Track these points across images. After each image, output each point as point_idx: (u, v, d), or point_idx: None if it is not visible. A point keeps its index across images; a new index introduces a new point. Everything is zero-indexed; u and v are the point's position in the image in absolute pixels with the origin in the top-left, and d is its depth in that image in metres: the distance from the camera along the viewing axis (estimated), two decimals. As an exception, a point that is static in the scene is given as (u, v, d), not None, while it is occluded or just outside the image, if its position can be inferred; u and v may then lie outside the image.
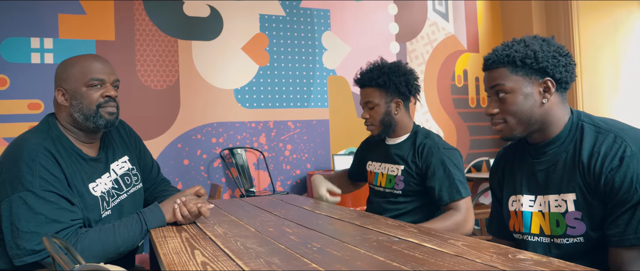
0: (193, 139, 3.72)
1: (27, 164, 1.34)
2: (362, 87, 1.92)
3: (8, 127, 3.20)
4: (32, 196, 1.30)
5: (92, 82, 1.45)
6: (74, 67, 1.47)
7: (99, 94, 1.47)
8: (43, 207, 1.31)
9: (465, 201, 1.72)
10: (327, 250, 1.10)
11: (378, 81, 1.85)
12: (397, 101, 1.88)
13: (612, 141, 1.11)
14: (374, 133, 1.93)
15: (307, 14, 4.13)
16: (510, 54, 1.20)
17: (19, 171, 1.33)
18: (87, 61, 1.48)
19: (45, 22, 3.32)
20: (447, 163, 1.75)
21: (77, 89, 1.45)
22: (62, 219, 1.32)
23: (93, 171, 1.51)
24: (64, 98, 1.47)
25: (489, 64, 1.25)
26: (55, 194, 1.34)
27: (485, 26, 4.89)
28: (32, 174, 1.33)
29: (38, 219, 1.29)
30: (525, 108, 1.20)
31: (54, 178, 1.36)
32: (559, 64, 1.19)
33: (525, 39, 1.23)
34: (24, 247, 1.28)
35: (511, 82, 1.21)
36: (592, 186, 1.13)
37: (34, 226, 1.29)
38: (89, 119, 1.46)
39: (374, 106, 1.87)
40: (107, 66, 1.51)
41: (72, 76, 1.46)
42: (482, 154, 4.78)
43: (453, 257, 0.99)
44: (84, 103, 1.45)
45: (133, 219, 1.44)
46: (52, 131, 1.46)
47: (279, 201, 2.04)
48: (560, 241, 1.18)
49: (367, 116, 1.90)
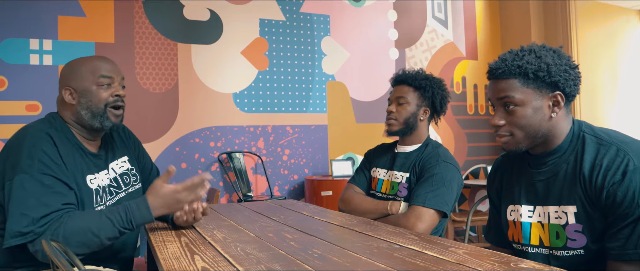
0: (191, 142, 3.71)
1: (28, 149, 1.36)
2: (400, 84, 1.94)
3: (6, 128, 3.18)
4: (29, 179, 1.31)
5: (101, 80, 1.48)
6: (83, 66, 1.50)
7: (108, 93, 1.50)
8: (37, 189, 1.31)
9: (429, 212, 1.68)
10: (328, 257, 1.09)
11: (421, 82, 1.89)
12: (426, 109, 1.91)
13: (615, 154, 1.10)
14: (392, 129, 1.91)
15: (306, 19, 4.14)
16: (523, 65, 1.17)
17: (20, 155, 1.35)
18: (96, 60, 1.52)
19: (44, 23, 3.32)
20: (438, 175, 1.75)
21: (87, 87, 1.48)
22: (52, 203, 1.31)
23: (92, 164, 1.51)
24: (71, 97, 1.49)
25: (498, 74, 1.20)
26: (52, 177, 1.34)
27: (484, 34, 4.91)
28: (32, 157, 1.34)
29: (29, 202, 1.29)
30: (534, 122, 1.18)
31: (52, 162, 1.36)
32: (569, 78, 1.17)
33: (535, 50, 1.20)
34: (11, 229, 1.28)
35: (522, 94, 1.17)
36: (593, 199, 1.12)
37: (25, 208, 1.28)
38: (96, 117, 1.48)
39: (405, 103, 1.89)
40: (115, 65, 1.55)
41: (81, 74, 1.49)
42: (479, 161, 4.78)
43: (454, 265, 0.99)
44: (93, 101, 1.48)
45: (117, 214, 1.36)
46: (56, 122, 1.49)
47: (277, 207, 2.04)
48: (560, 253, 1.17)
49: (393, 109, 1.90)
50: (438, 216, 1.70)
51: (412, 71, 1.94)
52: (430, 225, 1.68)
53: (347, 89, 4.25)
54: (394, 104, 1.91)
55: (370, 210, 1.84)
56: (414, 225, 1.65)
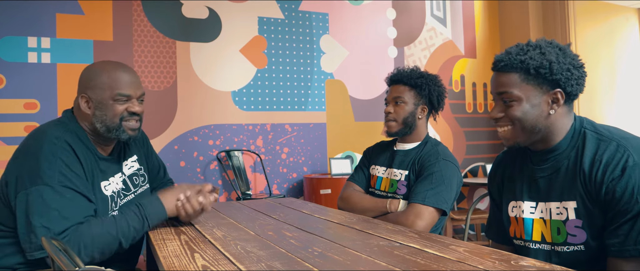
0: (190, 141, 3.71)
1: (47, 159, 1.33)
2: (396, 83, 1.93)
3: (3, 126, 3.18)
4: (50, 191, 1.29)
5: (119, 97, 1.45)
6: (101, 77, 1.45)
7: (124, 108, 1.47)
8: (59, 203, 1.29)
9: (428, 210, 1.68)
10: (328, 255, 1.09)
11: (416, 81, 1.89)
12: (424, 107, 1.91)
13: (615, 150, 1.10)
14: (391, 130, 1.91)
15: (305, 17, 4.14)
16: (525, 60, 1.16)
17: (38, 164, 1.32)
18: (116, 73, 1.46)
19: (42, 21, 3.30)
20: (437, 173, 1.75)
21: (104, 101, 1.45)
22: (72, 216, 1.30)
23: (106, 169, 1.51)
24: (87, 106, 1.47)
25: (500, 66, 1.21)
26: (73, 190, 1.33)
27: (482, 32, 4.91)
28: (52, 168, 1.32)
29: (51, 215, 1.28)
30: (530, 117, 1.18)
31: (74, 174, 1.35)
32: (572, 77, 1.16)
33: (541, 45, 1.19)
34: (34, 242, 1.27)
35: (520, 90, 1.17)
36: (593, 195, 1.12)
37: (47, 221, 1.27)
38: (111, 131, 1.47)
39: (402, 102, 1.89)
40: (135, 79, 1.50)
41: (99, 86, 1.45)
42: (478, 159, 4.79)
43: (455, 263, 0.99)
44: (108, 115, 1.45)
45: (133, 214, 1.40)
46: (71, 125, 1.46)
47: (277, 205, 2.04)
48: (561, 249, 1.17)
49: (391, 110, 1.90)
50: (437, 214, 1.70)
51: (407, 69, 1.94)
52: (429, 223, 1.68)
53: (345, 87, 4.25)
54: (392, 104, 1.91)
55: (369, 208, 1.84)
56: (413, 223, 1.65)
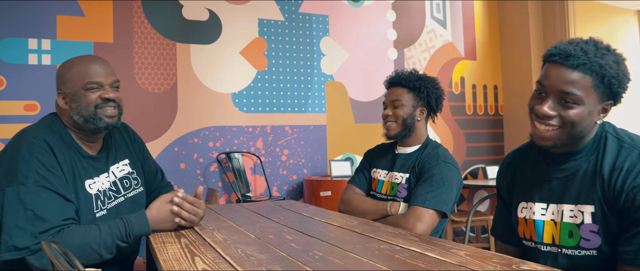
0: (190, 142, 3.71)
1: (24, 159, 1.33)
2: (394, 86, 1.93)
3: (4, 128, 3.17)
4: (25, 191, 1.29)
5: (89, 86, 1.45)
6: (72, 70, 1.47)
7: (97, 95, 1.46)
8: (34, 203, 1.28)
9: (429, 213, 1.68)
10: (329, 259, 1.09)
11: (414, 83, 1.88)
12: (423, 109, 1.91)
13: (637, 159, 1.09)
14: (390, 132, 1.91)
15: (305, 19, 4.14)
16: (604, 66, 1.08)
17: (15, 164, 1.32)
18: (85, 64, 1.47)
19: (43, 23, 3.30)
20: (437, 175, 1.74)
21: (76, 92, 1.45)
22: (50, 218, 1.29)
23: (91, 168, 1.49)
24: (64, 101, 1.47)
25: (573, 64, 1.09)
26: (50, 190, 1.32)
27: (482, 34, 4.92)
28: (28, 168, 1.31)
29: (26, 215, 1.27)
30: (583, 123, 1.13)
31: (51, 173, 1.34)
32: (624, 92, 1.13)
33: (613, 52, 1.13)
34: (6, 242, 1.25)
35: (587, 95, 1.10)
36: (611, 201, 1.10)
37: (22, 221, 1.26)
38: (89, 121, 1.46)
39: (400, 105, 1.88)
40: (105, 68, 1.50)
41: (71, 79, 1.46)
42: (478, 161, 4.79)
43: (456, 267, 0.99)
44: (82, 104, 1.45)
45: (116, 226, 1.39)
46: (54, 125, 1.47)
47: (277, 207, 2.03)
48: (572, 253, 1.16)
49: (390, 113, 1.90)
50: (438, 217, 1.70)
51: (405, 72, 1.94)
52: (429, 226, 1.68)
53: (346, 89, 4.25)
54: (390, 107, 1.91)
55: (370, 211, 1.84)
56: (414, 226, 1.65)
